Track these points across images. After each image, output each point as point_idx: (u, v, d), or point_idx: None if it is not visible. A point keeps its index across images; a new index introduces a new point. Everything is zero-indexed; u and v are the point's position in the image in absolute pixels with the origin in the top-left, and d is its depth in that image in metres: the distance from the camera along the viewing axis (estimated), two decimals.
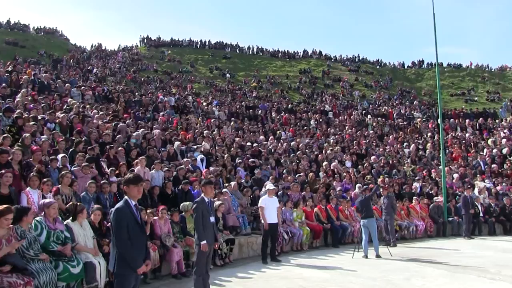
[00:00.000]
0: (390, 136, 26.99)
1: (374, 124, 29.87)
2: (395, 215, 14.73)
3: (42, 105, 15.75)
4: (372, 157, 21.33)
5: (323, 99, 39.76)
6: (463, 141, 26.16)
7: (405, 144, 25.48)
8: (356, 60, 56.59)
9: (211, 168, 14.76)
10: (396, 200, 15.77)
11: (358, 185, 17.08)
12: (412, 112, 35.27)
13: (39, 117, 13.73)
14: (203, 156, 15.78)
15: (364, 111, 34.57)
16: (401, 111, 35.17)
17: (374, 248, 11.81)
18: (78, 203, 8.10)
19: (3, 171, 8.17)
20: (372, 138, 25.89)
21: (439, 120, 21.08)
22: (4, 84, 16.92)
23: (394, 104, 39.82)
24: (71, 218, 7.74)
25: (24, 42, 46.12)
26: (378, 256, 11.71)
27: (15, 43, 44.61)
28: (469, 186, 18.01)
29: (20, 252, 6.42)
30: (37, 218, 7.14)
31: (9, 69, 21.45)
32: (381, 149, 23.44)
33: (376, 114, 32.91)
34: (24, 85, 18.27)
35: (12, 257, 6.20)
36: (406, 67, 56.02)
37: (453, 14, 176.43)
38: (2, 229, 6.20)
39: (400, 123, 30.93)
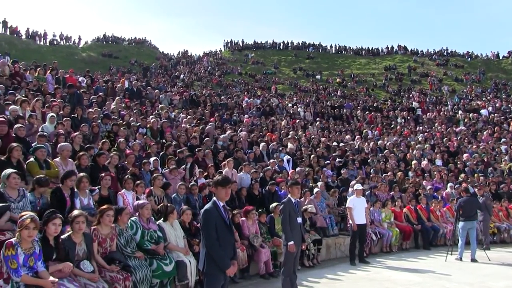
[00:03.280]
0: (484, 132, 25.48)
1: (465, 120, 28.40)
2: (490, 216, 13.89)
3: (135, 111, 16.58)
4: (465, 155, 20.32)
5: (410, 95, 38.39)
6: None
7: (502, 140, 23.93)
8: (444, 53, 54.03)
9: (298, 169, 14.72)
10: (492, 200, 14.89)
11: (449, 184, 16.39)
12: (509, 105, 32.98)
13: (132, 123, 14.49)
14: (289, 157, 15.79)
15: (454, 107, 32.92)
16: (496, 105, 33.03)
17: (470, 252, 11.23)
18: (169, 204, 8.45)
19: (103, 174, 8.73)
20: (464, 135, 24.64)
21: None
22: (101, 93, 18.00)
23: (488, 98, 37.43)
24: (162, 218, 8.07)
25: (117, 53, 49.44)
26: (473, 260, 11.13)
27: (110, 54, 48.05)
28: None
29: (119, 249, 6.86)
30: (132, 218, 7.53)
31: (105, 78, 22.87)
32: (474, 146, 22.18)
33: (467, 110, 31.22)
34: (118, 93, 19.33)
35: (116, 254, 6.69)
36: (501, 58, 52.41)
37: None
38: (106, 226, 6.67)
39: (496, 118, 29.04)
